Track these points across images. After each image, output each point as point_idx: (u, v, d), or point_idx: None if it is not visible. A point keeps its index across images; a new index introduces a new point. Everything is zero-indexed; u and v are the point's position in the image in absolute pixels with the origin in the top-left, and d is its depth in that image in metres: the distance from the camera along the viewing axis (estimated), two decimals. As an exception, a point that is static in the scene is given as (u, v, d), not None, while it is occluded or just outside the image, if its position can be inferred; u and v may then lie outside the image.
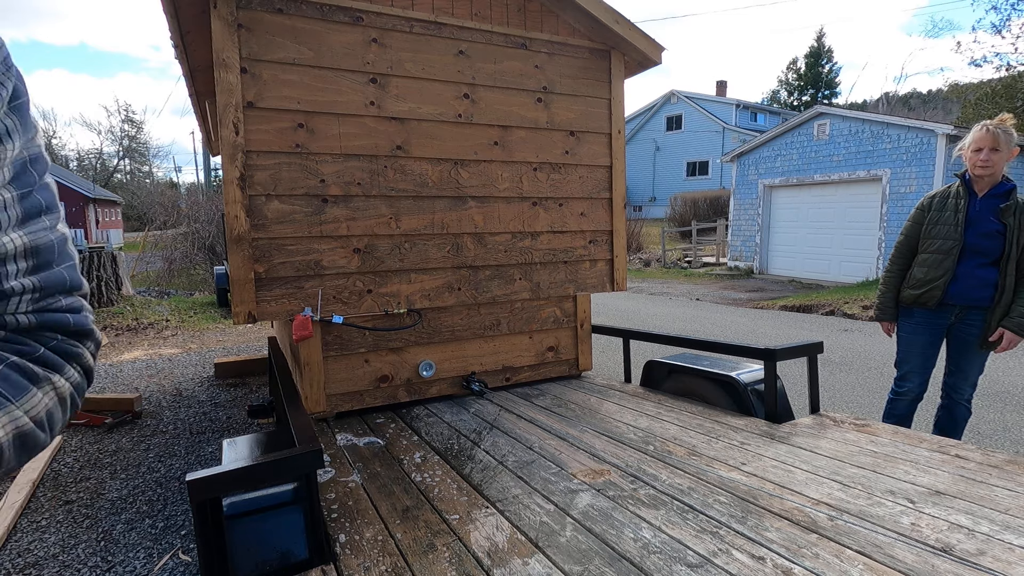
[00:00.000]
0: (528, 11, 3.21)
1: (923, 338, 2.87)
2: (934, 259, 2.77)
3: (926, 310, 2.84)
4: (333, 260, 2.81)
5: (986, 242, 2.66)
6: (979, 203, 2.70)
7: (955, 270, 2.72)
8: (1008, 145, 2.60)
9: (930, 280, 2.78)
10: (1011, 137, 2.61)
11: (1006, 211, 2.61)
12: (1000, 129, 2.60)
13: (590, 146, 3.46)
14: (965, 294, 2.69)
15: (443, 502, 1.91)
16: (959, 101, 22.31)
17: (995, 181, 2.67)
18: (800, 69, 39.08)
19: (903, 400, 2.96)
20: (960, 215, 2.71)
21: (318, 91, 2.72)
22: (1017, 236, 2.59)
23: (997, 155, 2.60)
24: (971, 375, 2.82)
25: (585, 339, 3.61)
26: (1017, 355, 6.07)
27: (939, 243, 2.76)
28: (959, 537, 1.55)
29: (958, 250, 2.71)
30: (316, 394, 2.84)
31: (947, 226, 2.75)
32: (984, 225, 2.66)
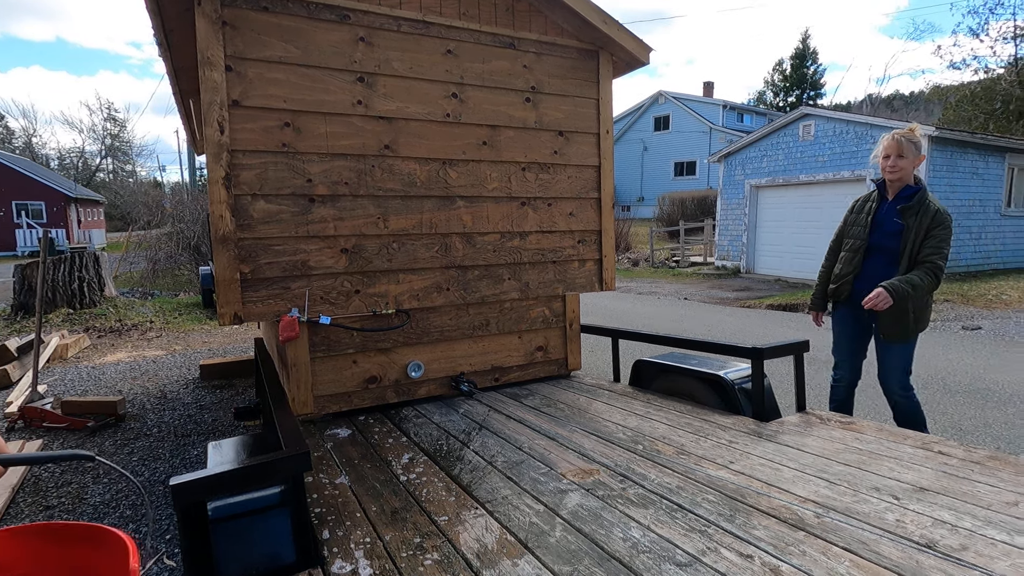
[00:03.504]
0: (516, 11, 3.20)
1: (845, 329, 3.09)
2: (847, 256, 3.00)
3: (843, 303, 3.05)
4: (320, 260, 2.78)
5: (889, 241, 2.84)
6: (887, 206, 2.89)
7: (861, 267, 2.92)
8: (913, 153, 2.80)
9: (842, 276, 3.01)
10: (916, 146, 2.81)
11: (906, 211, 2.78)
12: (905, 138, 2.81)
13: (578, 146, 3.46)
14: (868, 290, 2.78)
15: (432, 503, 1.90)
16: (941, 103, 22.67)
17: (903, 185, 2.85)
18: (786, 70, 39.50)
19: (840, 386, 3.16)
20: (869, 216, 2.93)
21: (305, 90, 2.69)
22: (915, 235, 2.75)
23: (903, 161, 2.80)
24: (890, 367, 2.90)
25: (574, 339, 3.61)
26: (999, 353, 6.19)
27: (851, 242, 2.99)
28: (942, 533, 1.57)
29: (864, 248, 2.92)
30: (303, 396, 2.82)
31: (859, 227, 2.97)
32: (888, 225, 2.86)
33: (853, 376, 3.11)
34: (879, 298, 2.65)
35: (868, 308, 2.70)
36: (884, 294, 2.64)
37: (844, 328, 3.10)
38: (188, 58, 3.13)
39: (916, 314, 2.80)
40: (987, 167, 11.73)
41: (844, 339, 3.11)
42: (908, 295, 2.67)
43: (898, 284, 2.66)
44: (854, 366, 3.10)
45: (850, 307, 3.01)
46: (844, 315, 3.08)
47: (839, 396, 3.16)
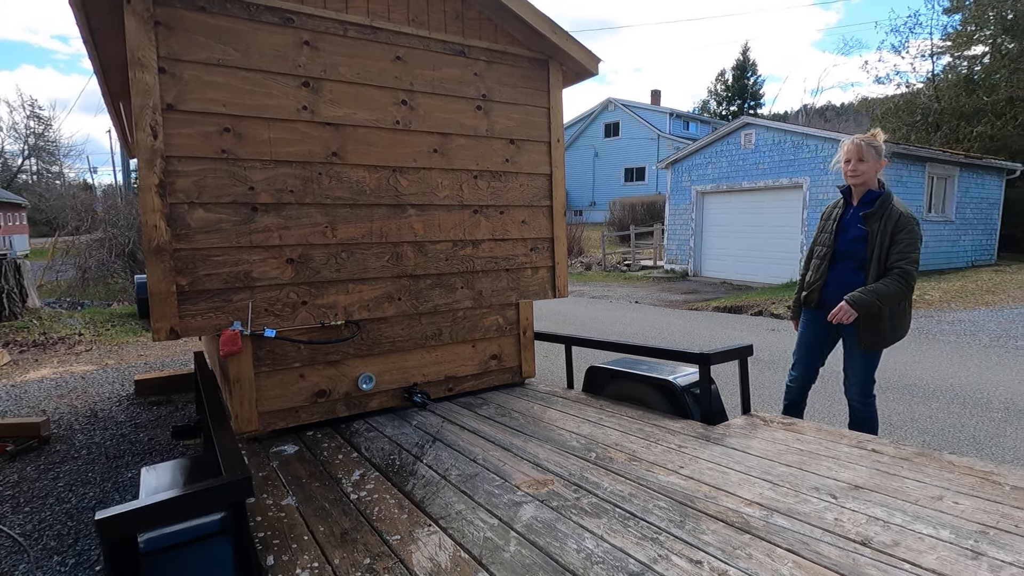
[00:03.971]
0: (466, 18, 3.19)
1: (809, 334, 3.12)
2: (815, 264, 3.05)
3: (810, 309, 3.09)
4: (264, 271, 2.68)
5: (854, 247, 2.86)
6: (852, 211, 2.92)
7: (828, 275, 2.96)
8: (874, 157, 2.82)
9: (812, 283, 3.04)
10: (877, 149, 2.83)
11: (870, 217, 2.80)
12: (866, 142, 2.83)
13: (530, 154, 3.48)
14: (836, 296, 2.84)
15: (384, 522, 1.85)
16: (868, 114, 24.14)
17: (866, 190, 2.86)
18: (728, 81, 41.12)
19: (793, 386, 3.21)
20: (834, 223, 2.96)
21: (246, 94, 2.59)
22: (880, 240, 2.76)
23: (864, 165, 2.82)
24: (855, 373, 2.95)
25: (528, 346, 3.62)
26: (923, 351, 6.61)
27: (820, 249, 3.03)
28: (876, 530, 1.65)
29: (830, 255, 2.95)
30: (247, 412, 2.70)
31: (826, 234, 3.00)
32: (852, 231, 2.88)
33: (808, 378, 3.16)
34: (841, 312, 2.70)
35: (835, 323, 2.76)
36: (846, 307, 2.69)
37: (807, 332, 3.12)
38: (117, 57, 2.96)
39: (893, 321, 2.80)
40: (910, 175, 12.57)
41: (806, 342, 3.13)
42: (873, 304, 2.67)
43: (861, 296, 2.68)
44: (811, 369, 3.14)
45: (818, 313, 3.01)
46: (811, 320, 3.09)
47: (792, 396, 3.21)
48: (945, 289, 10.52)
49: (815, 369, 3.15)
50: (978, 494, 1.84)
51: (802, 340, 3.17)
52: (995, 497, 1.82)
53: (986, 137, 16.18)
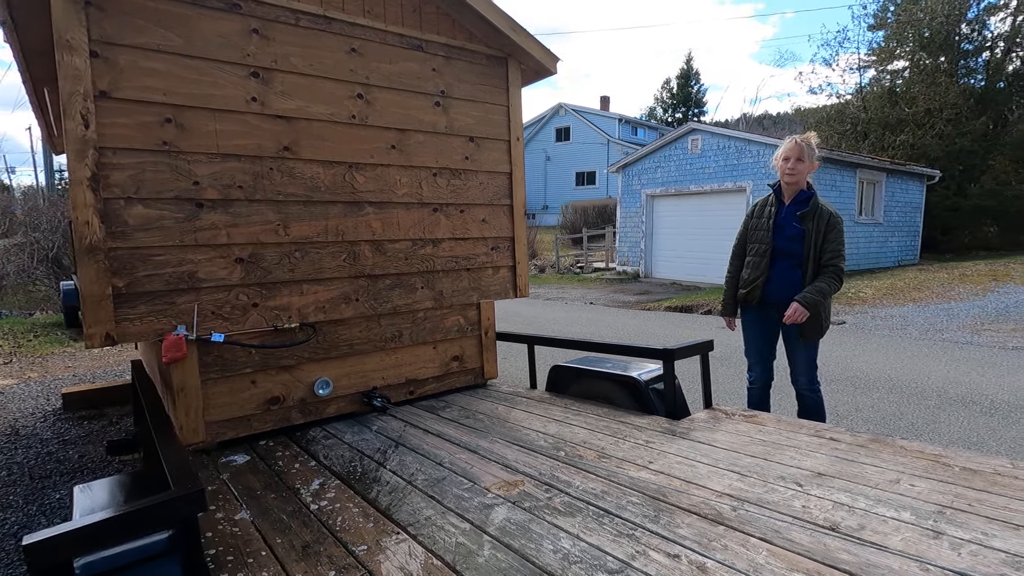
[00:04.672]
0: (424, 12, 3.12)
1: (756, 332, 3.19)
2: (753, 261, 3.10)
3: (753, 307, 3.15)
4: (211, 271, 2.51)
5: (791, 245, 2.98)
6: (785, 210, 3.03)
7: (769, 272, 3.04)
8: (810, 157, 2.96)
9: (751, 280, 3.09)
10: (813, 151, 2.98)
11: (805, 217, 2.94)
12: (804, 143, 2.96)
13: (490, 152, 3.44)
14: (778, 293, 2.97)
15: (348, 532, 1.75)
16: (803, 123, 25.49)
17: (798, 189, 3.00)
18: (673, 88, 42.46)
19: (755, 388, 3.26)
20: (770, 221, 3.05)
21: (189, 83, 2.43)
22: (815, 239, 2.91)
23: (801, 165, 2.94)
24: (799, 365, 3.07)
25: (490, 347, 3.57)
26: (861, 344, 6.98)
27: (756, 247, 3.10)
28: (842, 515, 1.69)
29: (770, 253, 3.03)
30: (193, 423, 2.52)
31: (762, 231, 3.08)
32: (789, 230, 2.99)
33: (767, 377, 3.21)
34: (797, 313, 2.80)
35: (790, 324, 2.84)
36: (800, 309, 2.79)
37: (754, 331, 3.18)
38: (42, 41, 2.72)
39: (826, 313, 2.95)
40: (843, 180, 13.30)
41: (755, 342, 3.19)
42: (820, 303, 2.82)
43: (810, 296, 2.81)
44: (766, 367, 3.20)
45: (760, 310, 3.10)
46: (754, 318, 3.16)
47: (754, 398, 3.26)
48: (877, 287, 11.17)
49: (771, 365, 3.23)
50: (931, 476, 1.92)
51: (751, 339, 3.22)
52: (946, 478, 1.90)
53: (908, 145, 17.34)
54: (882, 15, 20.01)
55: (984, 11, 18.10)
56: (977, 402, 4.62)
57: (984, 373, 5.50)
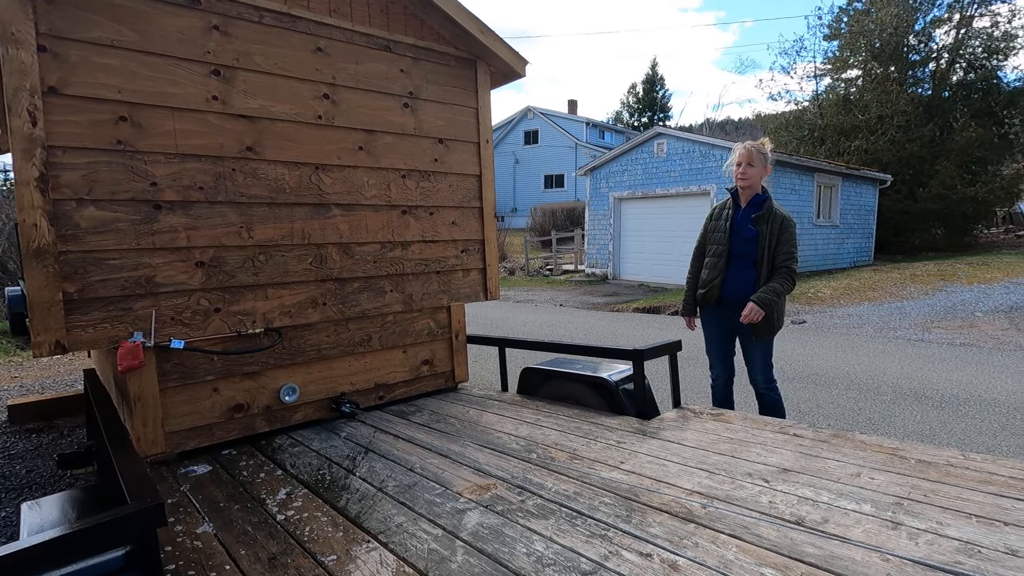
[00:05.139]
0: (392, 12, 3.08)
1: (715, 331, 3.28)
2: (711, 262, 3.21)
3: (711, 306, 3.24)
4: (170, 276, 2.42)
5: (746, 246, 3.09)
6: (741, 213, 3.14)
7: (725, 272, 3.14)
8: (762, 162, 3.07)
9: (709, 281, 3.20)
10: (764, 156, 3.09)
11: (759, 219, 3.06)
12: (755, 148, 3.07)
13: (459, 154, 3.42)
14: (734, 292, 3.08)
15: (316, 542, 1.71)
16: (763, 129, 26.21)
17: (753, 193, 3.11)
18: (639, 93, 43.21)
19: (717, 385, 3.35)
20: (727, 224, 3.16)
21: (146, 80, 2.34)
22: (768, 240, 3.03)
23: (752, 170, 3.05)
24: (755, 363, 3.16)
25: (461, 350, 3.54)
26: (821, 342, 7.21)
27: (714, 248, 3.21)
28: (807, 509, 1.74)
29: (726, 254, 3.14)
30: (151, 433, 2.42)
31: (720, 233, 3.19)
32: (745, 232, 3.10)
33: (728, 373, 3.31)
34: (752, 313, 2.88)
35: (746, 324, 2.92)
36: (755, 308, 2.88)
37: (713, 330, 3.29)
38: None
39: (778, 313, 3.05)
40: (801, 184, 13.75)
41: (715, 340, 3.29)
42: (774, 303, 2.92)
43: (764, 296, 2.90)
44: (727, 364, 3.30)
45: (718, 309, 3.20)
46: (712, 317, 3.26)
47: (718, 395, 3.34)
48: (834, 287, 11.58)
49: (731, 362, 3.32)
50: (889, 469, 1.99)
51: (711, 338, 3.31)
52: (903, 470, 1.97)
53: (862, 151, 18.05)
54: (836, 26, 20.81)
55: (929, 24, 19.02)
56: (929, 396, 4.83)
57: (934, 369, 5.75)
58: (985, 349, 6.60)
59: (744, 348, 3.19)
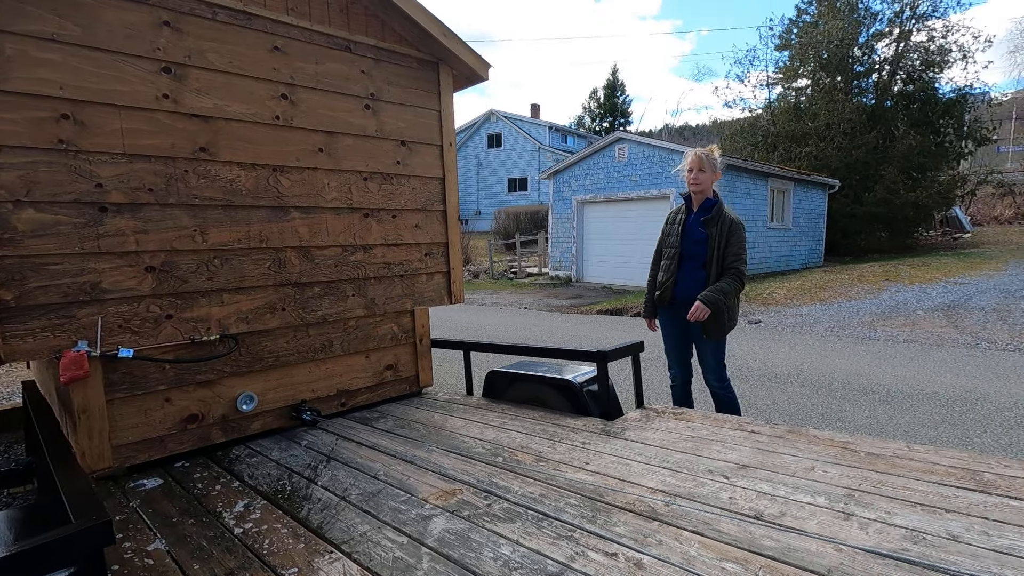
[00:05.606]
0: (352, 12, 3.04)
1: (671, 331, 3.36)
2: (666, 264, 3.31)
3: (666, 307, 3.33)
4: (117, 281, 2.31)
5: (696, 248, 3.19)
6: (693, 217, 3.25)
7: (677, 273, 3.24)
8: (711, 168, 3.18)
9: (664, 282, 3.29)
10: (714, 162, 3.20)
11: (709, 222, 3.17)
12: (705, 155, 3.19)
13: (422, 157, 3.39)
14: (685, 293, 3.17)
15: (276, 555, 1.66)
16: (719, 135, 27.02)
17: (704, 197, 3.20)
18: (600, 99, 43.88)
19: (676, 385, 3.43)
20: (680, 227, 3.27)
21: (90, 77, 2.23)
22: (718, 242, 3.14)
23: (703, 175, 3.16)
24: (707, 362, 3.24)
25: (425, 354, 3.51)
26: (776, 341, 7.46)
27: (669, 251, 3.30)
28: (765, 503, 1.79)
29: (678, 256, 3.24)
30: (98, 447, 2.30)
31: (673, 236, 3.29)
32: (695, 235, 3.21)
33: (686, 373, 3.38)
34: (699, 311, 2.95)
35: (693, 321, 2.99)
36: (701, 306, 2.95)
37: (670, 330, 3.36)
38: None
39: (729, 313, 3.14)
40: (756, 189, 14.23)
41: (671, 340, 3.37)
42: (721, 301, 3.00)
43: (711, 295, 2.98)
44: (684, 364, 3.37)
45: (672, 310, 3.28)
46: (668, 318, 3.34)
47: (677, 395, 3.41)
48: (788, 288, 12.01)
49: (689, 362, 3.39)
50: (840, 462, 2.07)
51: (667, 338, 3.39)
52: (854, 463, 2.06)
53: (811, 157, 18.82)
54: (786, 37, 21.67)
55: (872, 37, 20.02)
56: (876, 391, 5.06)
57: (881, 365, 6.03)
58: (926, 345, 6.96)
59: (697, 348, 3.26)
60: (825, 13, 19.98)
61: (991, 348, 6.63)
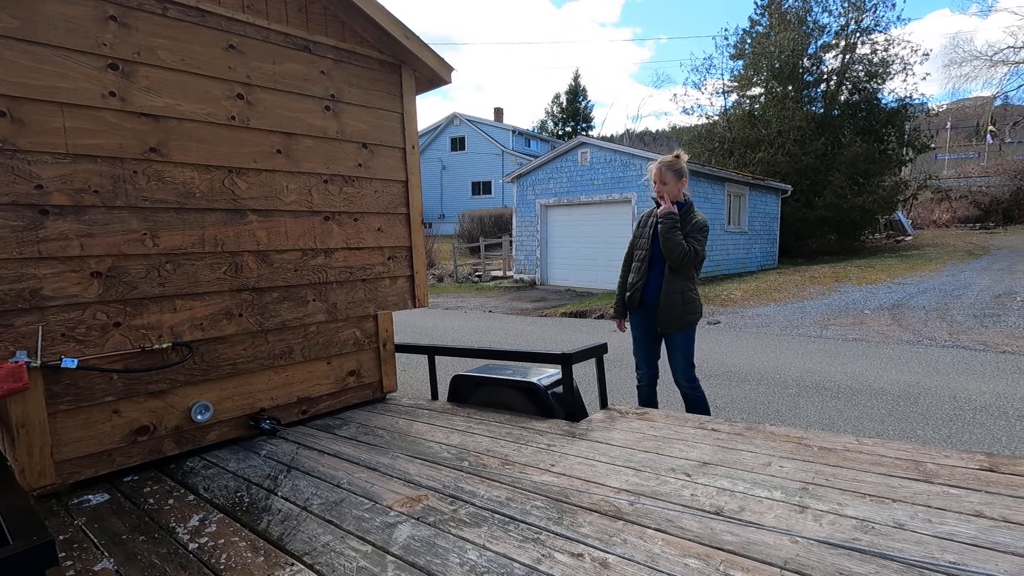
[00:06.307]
0: (310, 12, 2.98)
1: (640, 332, 3.44)
2: (636, 266, 3.40)
3: (636, 308, 3.41)
4: (60, 287, 2.20)
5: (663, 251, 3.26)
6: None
7: (648, 275, 3.31)
8: (673, 178, 3.25)
9: (634, 284, 3.38)
10: (676, 171, 3.26)
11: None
12: (664, 166, 3.27)
13: (384, 159, 3.35)
14: (654, 294, 3.27)
15: (234, 570, 1.60)
16: (678, 140, 27.69)
17: (673, 202, 3.28)
18: (563, 103, 44.37)
19: (642, 384, 3.49)
20: (650, 231, 3.34)
21: (30, 72, 2.11)
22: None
23: (666, 187, 3.26)
24: (676, 362, 3.32)
25: (389, 359, 3.46)
26: (734, 341, 7.67)
27: (640, 253, 3.38)
28: (725, 500, 1.84)
29: (648, 258, 3.32)
30: (38, 463, 2.17)
31: (644, 239, 3.38)
32: None
33: (652, 373, 3.44)
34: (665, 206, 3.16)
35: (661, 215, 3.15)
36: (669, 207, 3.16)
37: (638, 331, 3.43)
38: None
39: (686, 306, 3.20)
40: (714, 193, 14.65)
41: (640, 341, 3.43)
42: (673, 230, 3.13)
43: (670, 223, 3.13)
44: (651, 364, 3.43)
45: (642, 311, 3.34)
46: (638, 319, 3.41)
47: (643, 394, 3.47)
48: (744, 289, 12.39)
49: (655, 362, 3.46)
50: (795, 457, 2.15)
51: (636, 339, 3.47)
52: (808, 457, 2.14)
53: (765, 162, 19.51)
54: (741, 47, 22.42)
55: (820, 48, 20.94)
56: (828, 388, 5.27)
57: (831, 362, 6.29)
58: (873, 343, 7.30)
59: (667, 348, 3.33)
60: (776, 25, 20.79)
61: (932, 345, 7.01)
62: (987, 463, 1.97)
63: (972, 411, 4.48)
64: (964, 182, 27.74)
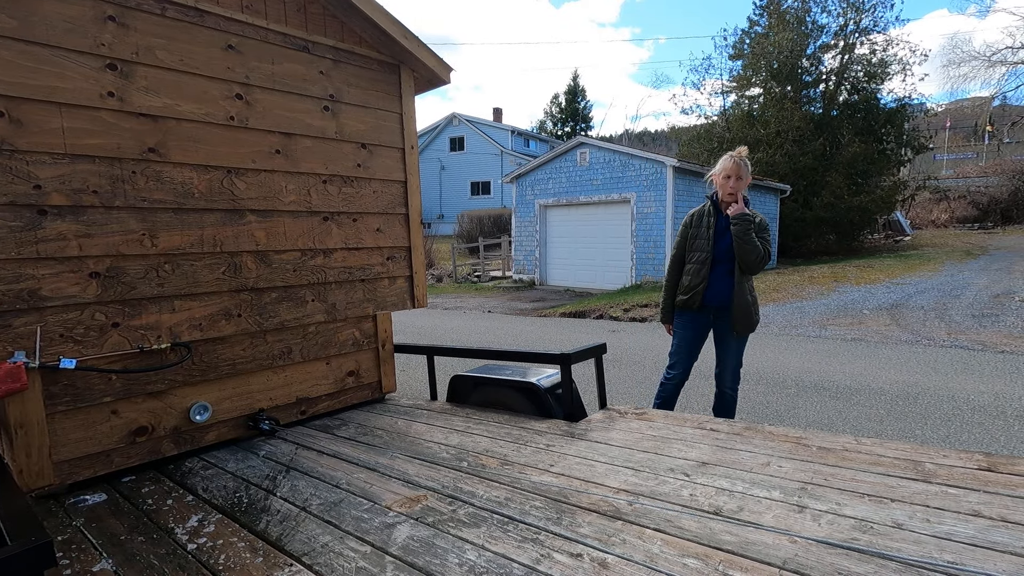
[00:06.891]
0: (309, 12, 2.98)
1: (690, 334, 3.36)
2: (694, 268, 3.26)
3: (691, 311, 3.31)
4: (58, 288, 2.19)
5: (729, 252, 3.20)
6: (723, 220, 3.23)
7: (709, 277, 3.23)
8: (747, 174, 3.18)
9: (693, 287, 3.25)
10: (748, 167, 3.20)
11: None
12: (743, 161, 3.17)
13: (383, 160, 3.35)
14: (715, 298, 3.21)
15: (233, 570, 1.60)
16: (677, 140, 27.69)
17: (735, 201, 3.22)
18: (561, 103, 44.38)
19: (671, 383, 3.43)
20: (711, 231, 3.23)
21: (28, 72, 2.11)
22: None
23: (741, 183, 3.17)
24: (729, 364, 3.31)
25: (388, 360, 3.46)
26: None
27: (697, 255, 3.27)
28: (724, 499, 1.84)
29: (710, 260, 3.22)
30: (37, 464, 2.17)
31: (703, 240, 3.26)
32: (726, 239, 3.21)
33: (685, 375, 3.38)
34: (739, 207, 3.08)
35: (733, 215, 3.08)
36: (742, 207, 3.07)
37: (687, 333, 3.33)
38: None
39: (755, 307, 3.17)
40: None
41: (687, 343, 3.33)
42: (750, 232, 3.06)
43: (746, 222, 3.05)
44: (688, 367, 3.36)
45: (701, 314, 3.26)
46: (692, 321, 3.31)
47: (667, 392, 3.40)
48: (743, 289, 12.41)
49: (691, 366, 3.40)
50: (794, 456, 2.15)
51: (684, 341, 3.36)
52: (806, 457, 2.14)
53: (763, 163, 19.51)
54: (740, 47, 22.42)
55: (819, 49, 20.95)
56: (827, 388, 5.27)
57: (830, 362, 6.30)
58: (872, 343, 7.31)
59: (720, 350, 3.27)
60: (775, 25, 20.79)
61: (930, 345, 7.02)
62: (985, 463, 1.98)
63: (970, 411, 4.49)
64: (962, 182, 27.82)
